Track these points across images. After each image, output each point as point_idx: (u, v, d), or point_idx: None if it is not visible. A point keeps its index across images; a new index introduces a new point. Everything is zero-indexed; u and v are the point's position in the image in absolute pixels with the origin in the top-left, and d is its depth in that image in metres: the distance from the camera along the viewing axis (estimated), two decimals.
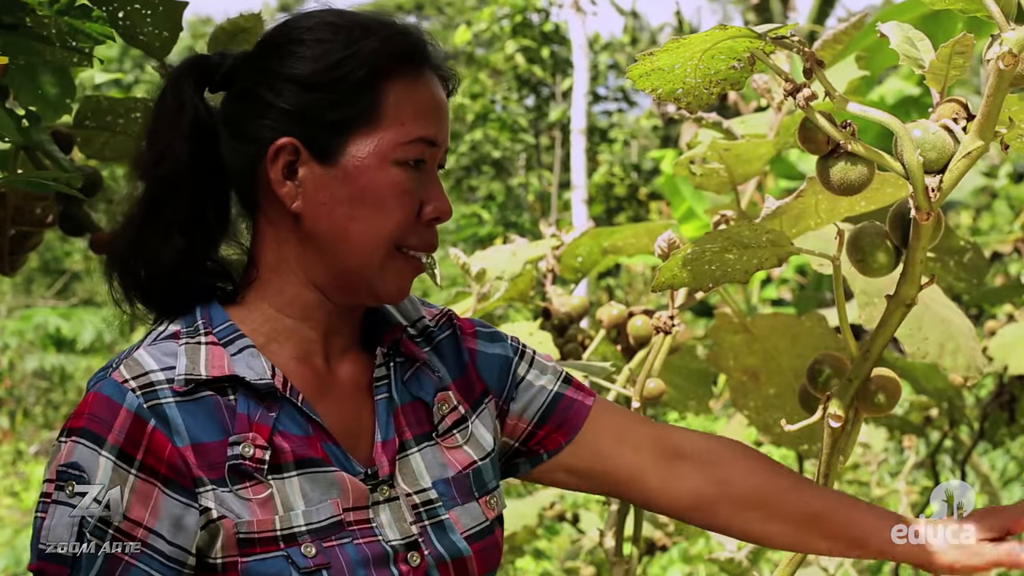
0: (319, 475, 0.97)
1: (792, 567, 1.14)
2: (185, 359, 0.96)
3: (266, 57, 1.02)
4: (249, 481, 0.94)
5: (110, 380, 0.94)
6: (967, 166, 0.91)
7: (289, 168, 0.99)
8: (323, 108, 0.98)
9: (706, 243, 1.05)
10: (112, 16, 1.46)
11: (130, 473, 0.91)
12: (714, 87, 0.97)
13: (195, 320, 0.99)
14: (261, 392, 0.97)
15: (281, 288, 1.02)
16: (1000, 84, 0.86)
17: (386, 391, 1.06)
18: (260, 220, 1.03)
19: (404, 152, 0.99)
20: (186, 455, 0.92)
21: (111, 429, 0.92)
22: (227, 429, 0.95)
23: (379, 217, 0.99)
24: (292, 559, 0.93)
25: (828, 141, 0.94)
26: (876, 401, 1.03)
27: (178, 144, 1.01)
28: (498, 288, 1.93)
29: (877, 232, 0.99)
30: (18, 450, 8.17)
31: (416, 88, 1.01)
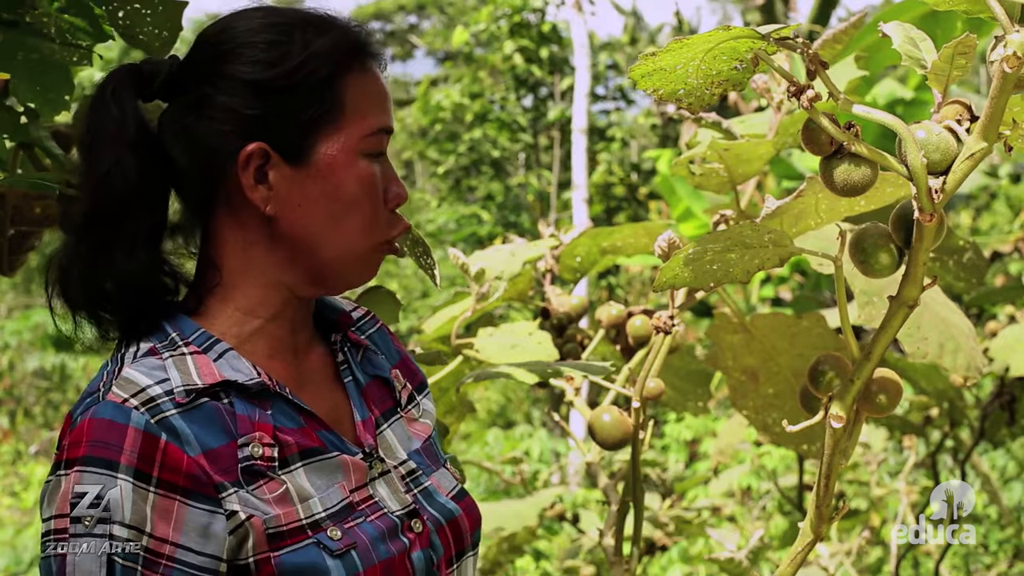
0: (323, 462, 0.99)
1: (793, 567, 1.14)
2: (176, 371, 0.95)
3: (214, 61, 1.00)
4: (262, 480, 0.95)
5: (106, 403, 0.92)
6: (971, 167, 0.91)
7: (259, 172, 0.98)
8: (290, 110, 0.98)
9: (708, 243, 1.05)
10: (111, 15, 1.46)
11: (149, 491, 0.90)
12: (716, 88, 0.97)
13: (167, 333, 0.98)
14: (253, 391, 0.97)
15: (247, 291, 1.02)
16: (1004, 86, 0.86)
17: (350, 374, 1.10)
18: (220, 225, 1.02)
19: (368, 144, 1.01)
20: (201, 463, 0.92)
21: (122, 451, 0.90)
22: (232, 432, 0.95)
23: (357, 211, 1.01)
24: (323, 544, 0.95)
25: (831, 142, 0.93)
26: (878, 402, 1.03)
27: (126, 158, 0.99)
28: (497, 288, 1.93)
29: (880, 233, 0.99)
30: (18, 450, 8.18)
31: (368, 80, 1.03)
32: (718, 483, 4.68)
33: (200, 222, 1.04)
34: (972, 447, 3.22)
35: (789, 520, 4.30)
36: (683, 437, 6.20)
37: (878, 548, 4.03)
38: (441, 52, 20.12)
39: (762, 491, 4.83)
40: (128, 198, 0.99)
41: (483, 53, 13.11)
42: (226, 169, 0.99)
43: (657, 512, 3.09)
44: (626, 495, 1.67)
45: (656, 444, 6.26)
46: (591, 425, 1.60)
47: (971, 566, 4.35)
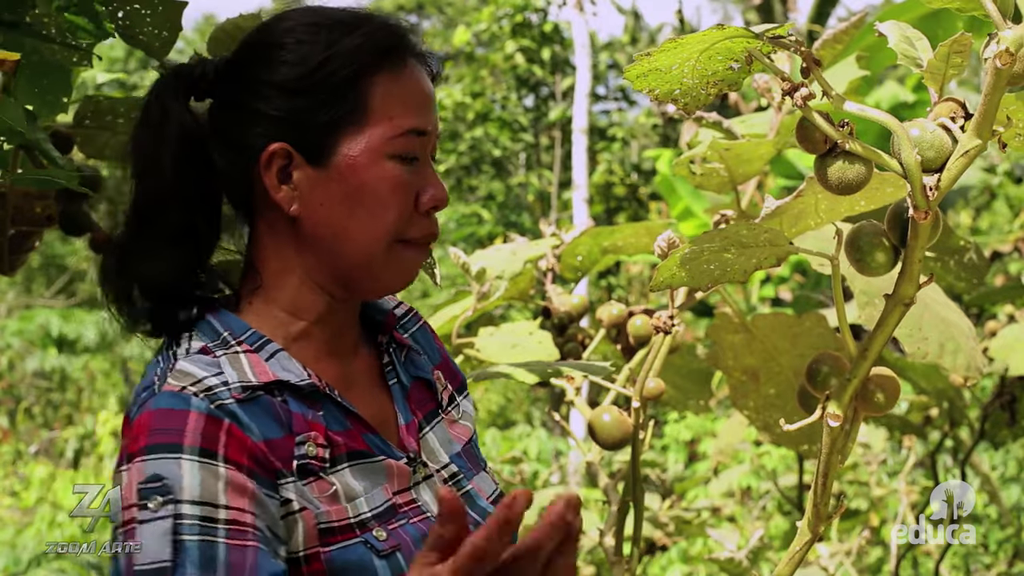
0: (368, 465, 0.99)
1: (792, 567, 1.14)
2: (230, 368, 0.95)
3: (248, 64, 1.01)
4: (313, 478, 0.94)
5: (163, 393, 0.91)
6: (965, 165, 0.91)
7: (283, 173, 0.99)
8: (311, 111, 0.98)
9: (704, 242, 1.05)
10: (111, 16, 1.46)
11: (217, 466, 0.88)
12: (712, 88, 0.97)
13: (218, 331, 0.99)
14: (304, 392, 0.97)
15: (288, 292, 1.02)
16: (997, 83, 0.86)
17: (395, 376, 1.09)
18: (258, 225, 1.03)
19: (396, 146, 0.99)
20: (263, 448, 0.91)
21: (184, 433, 0.89)
22: (288, 427, 0.94)
23: (378, 213, 0.99)
24: (370, 544, 0.95)
25: (826, 140, 0.94)
26: (875, 400, 1.03)
27: (164, 156, 1.00)
28: (498, 287, 1.93)
29: (875, 231, 0.99)
30: (18, 450, 8.18)
31: (401, 81, 1.01)
32: (718, 483, 4.68)
33: (244, 223, 1.05)
34: (972, 447, 3.22)
35: (789, 520, 4.30)
36: (683, 437, 6.20)
37: (878, 548, 4.03)
38: (441, 52, 20.09)
39: (762, 491, 4.83)
40: (164, 196, 1.00)
41: (484, 53, 13.11)
42: (256, 170, 0.99)
43: (657, 512, 3.09)
44: (626, 495, 1.67)
45: (656, 444, 6.26)
46: (591, 425, 1.60)
47: (971, 566, 4.35)
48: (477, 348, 1.85)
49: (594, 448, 1.75)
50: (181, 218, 1.01)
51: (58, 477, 7.06)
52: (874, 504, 4.13)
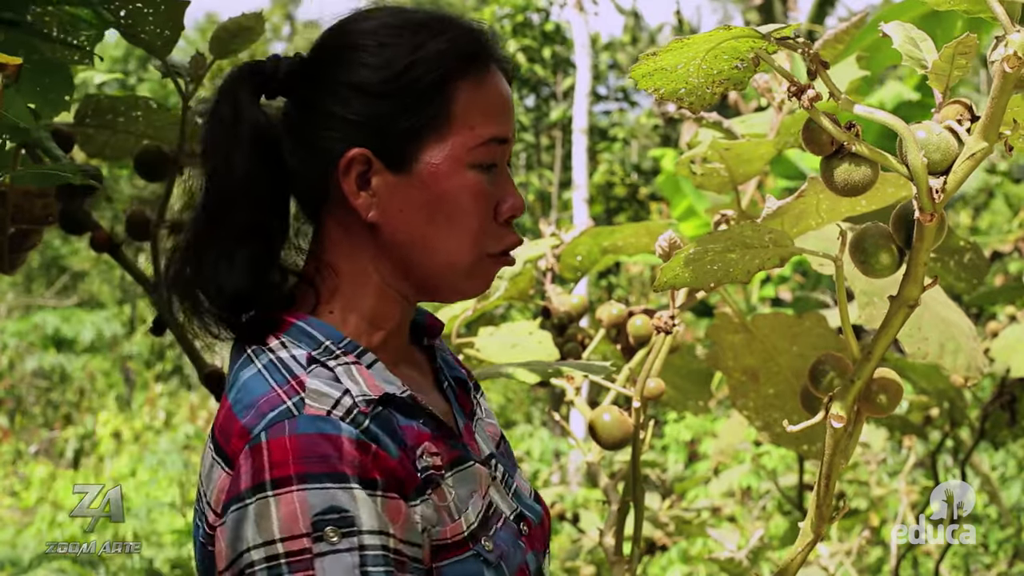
0: (465, 472, 0.97)
1: (793, 567, 1.14)
2: (350, 381, 0.92)
3: (327, 64, 0.98)
4: (434, 488, 0.93)
5: (306, 417, 0.88)
6: (971, 167, 0.91)
7: (362, 178, 0.96)
8: (393, 116, 0.95)
9: (708, 243, 1.05)
10: (113, 15, 1.46)
11: (377, 495, 0.86)
12: (717, 87, 0.97)
13: (317, 339, 0.95)
14: (406, 404, 0.95)
15: (366, 299, 0.99)
16: (1005, 86, 0.86)
17: (445, 379, 1.08)
18: (332, 228, 1.00)
19: (478, 155, 0.97)
20: (399, 471, 0.90)
21: (343, 461, 0.86)
22: (404, 442, 0.92)
23: (458, 222, 0.97)
24: (481, 556, 0.94)
25: (832, 142, 0.93)
26: (878, 402, 1.03)
27: (237, 156, 0.97)
28: (498, 287, 1.93)
29: (881, 233, 0.99)
30: (18, 450, 8.18)
31: (484, 87, 0.98)
32: (718, 483, 4.68)
33: (313, 223, 1.03)
34: (972, 447, 3.22)
35: (789, 520, 4.30)
36: (683, 437, 6.20)
37: (878, 548, 4.04)
38: None
39: (762, 491, 4.83)
40: (236, 196, 0.97)
41: None
42: (332, 174, 0.96)
43: (657, 512, 3.08)
44: (626, 495, 1.67)
45: (656, 444, 6.26)
46: (591, 425, 1.60)
47: (971, 566, 4.35)
48: (477, 348, 1.84)
49: (594, 448, 1.75)
50: (252, 217, 0.98)
51: (58, 477, 7.07)
52: (874, 504, 4.14)
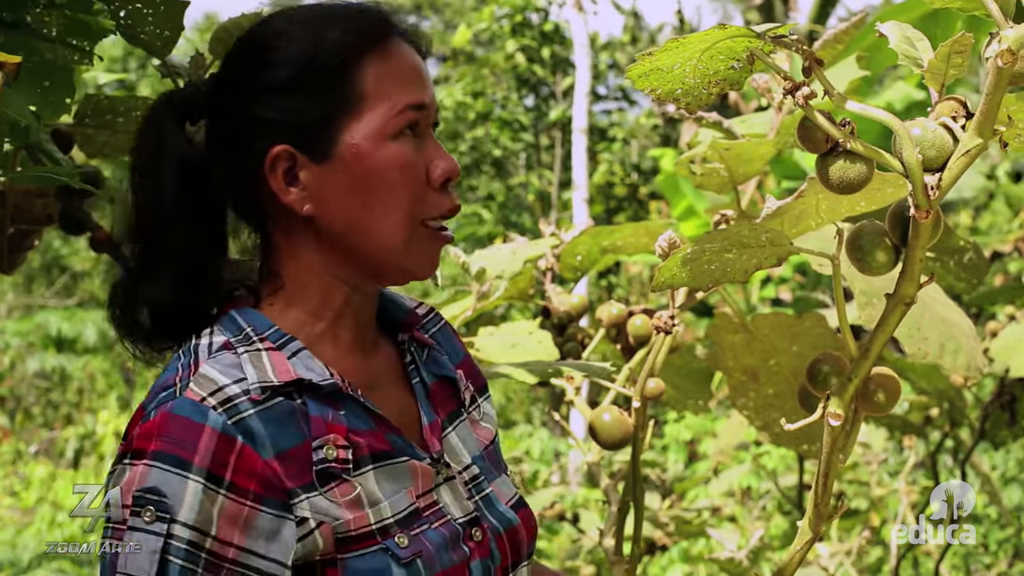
0: (392, 467, 0.98)
1: (792, 567, 1.14)
2: (252, 367, 0.94)
3: (238, 72, 1.01)
4: (336, 482, 0.93)
5: (183, 400, 0.90)
6: (966, 164, 0.91)
7: (289, 174, 0.98)
8: (306, 108, 0.98)
9: (706, 243, 1.05)
10: (113, 15, 1.46)
11: (219, 494, 0.88)
12: (713, 87, 0.97)
13: (241, 327, 0.98)
14: (325, 392, 0.96)
15: (308, 293, 1.01)
16: (999, 82, 0.86)
17: (417, 375, 1.09)
18: (272, 232, 1.02)
19: (396, 124, 0.98)
20: (275, 467, 0.90)
21: (196, 451, 0.88)
22: (305, 433, 0.93)
23: (390, 197, 0.98)
24: (391, 551, 0.94)
25: (827, 140, 0.94)
26: (876, 400, 1.03)
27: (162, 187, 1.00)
28: (498, 287, 1.93)
29: (876, 231, 0.99)
30: (18, 450, 8.18)
31: (390, 60, 1.00)
32: (718, 483, 4.68)
33: (256, 232, 1.05)
34: (972, 447, 3.22)
35: (789, 520, 4.30)
36: (683, 437, 6.20)
37: (878, 548, 4.03)
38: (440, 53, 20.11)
39: (762, 491, 4.83)
40: (162, 224, 1.00)
41: (485, 52, 13.12)
42: (260, 177, 0.99)
43: (657, 512, 3.09)
44: (626, 495, 1.67)
45: (656, 444, 6.26)
46: (591, 425, 1.60)
47: (971, 566, 4.35)
48: (477, 348, 1.85)
49: (594, 448, 1.75)
50: (178, 244, 1.00)
51: (58, 477, 7.07)
52: (874, 504, 4.13)
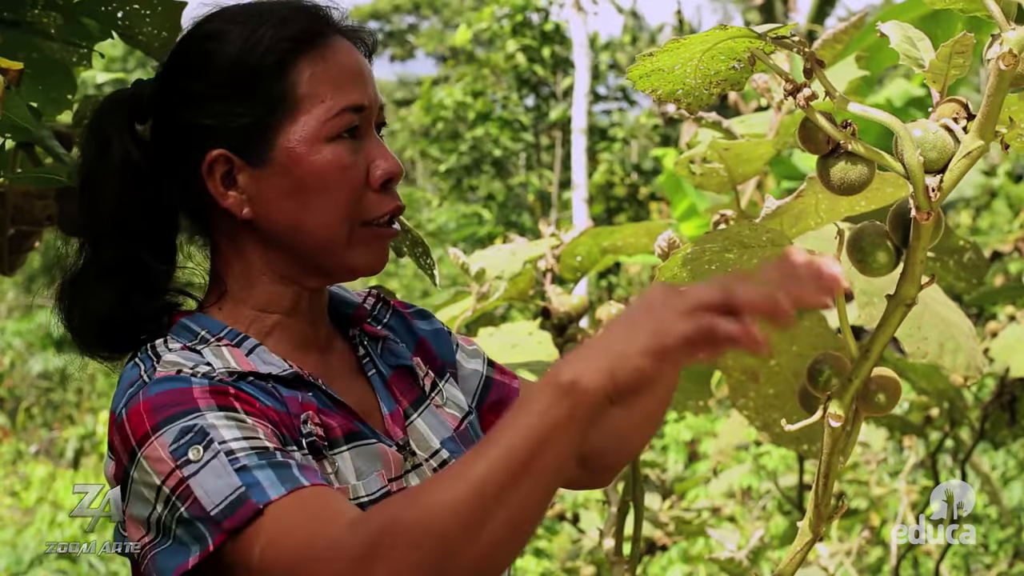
0: (365, 448, 0.98)
1: (792, 567, 1.14)
2: (215, 358, 0.94)
3: (176, 77, 1.00)
4: (318, 457, 0.93)
5: (157, 380, 0.90)
6: (967, 166, 0.91)
7: (227, 179, 0.98)
8: (241, 112, 0.97)
9: (706, 243, 1.05)
10: (111, 16, 1.46)
11: (241, 415, 0.87)
12: (714, 87, 0.97)
13: (196, 332, 0.98)
14: (289, 382, 0.96)
15: (255, 292, 1.01)
16: (1000, 84, 0.86)
17: (373, 367, 1.08)
18: (219, 238, 1.02)
19: (332, 127, 0.97)
20: (272, 412, 0.90)
21: (195, 400, 0.87)
22: (285, 406, 0.93)
23: (328, 199, 0.97)
24: None
25: (828, 141, 0.94)
26: (876, 401, 1.03)
27: (104, 192, 1.00)
28: (497, 287, 1.93)
29: (877, 232, 0.99)
30: (18, 450, 8.18)
31: (327, 61, 0.98)
32: (718, 483, 4.68)
33: (204, 235, 1.05)
34: (972, 447, 3.22)
35: (789, 520, 4.30)
36: (683, 437, 6.20)
37: (878, 548, 4.03)
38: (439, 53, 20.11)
39: (762, 491, 4.83)
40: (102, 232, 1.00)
41: (485, 52, 13.12)
42: (200, 181, 0.98)
43: (657, 512, 3.08)
44: (626, 495, 1.67)
45: (656, 444, 6.25)
46: None
47: (971, 566, 4.35)
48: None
49: None
50: (120, 253, 1.00)
51: (58, 477, 7.07)
52: (874, 504, 4.13)
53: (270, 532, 0.82)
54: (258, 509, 0.82)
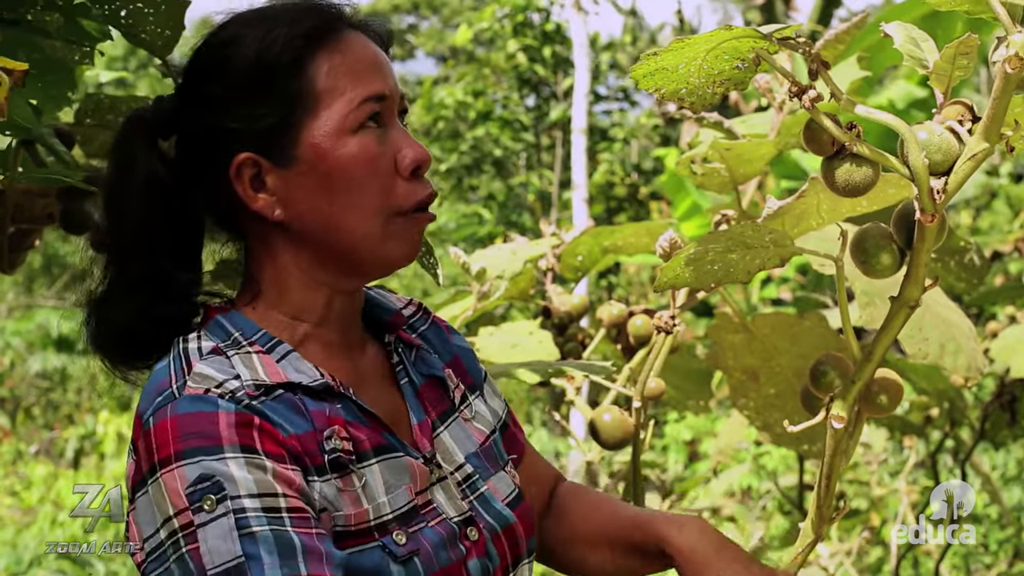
0: (393, 461, 0.97)
1: (794, 567, 1.14)
2: (244, 368, 0.93)
3: (196, 86, 1.01)
4: (342, 472, 0.93)
5: (186, 397, 0.90)
6: (972, 168, 0.91)
7: (256, 181, 0.98)
8: (262, 114, 0.96)
9: (709, 243, 1.05)
10: (114, 15, 1.46)
11: (263, 460, 0.87)
12: (718, 87, 0.97)
13: (228, 332, 0.97)
14: (318, 392, 0.95)
15: (289, 296, 1.01)
16: (1006, 87, 0.86)
17: (405, 375, 1.08)
18: (251, 240, 1.02)
19: (356, 118, 0.97)
20: (294, 443, 0.90)
21: (220, 435, 0.87)
22: (311, 423, 0.93)
23: (359, 191, 0.97)
24: (388, 548, 0.93)
25: (833, 142, 0.94)
26: (879, 402, 1.03)
27: (130, 208, 1.00)
28: (498, 287, 1.93)
29: (881, 234, 0.99)
30: (18, 450, 8.18)
31: (343, 54, 0.98)
32: (718, 483, 4.68)
33: (237, 240, 1.05)
34: (972, 447, 3.22)
35: (789, 520, 4.30)
36: (683, 437, 6.20)
37: (878, 548, 4.03)
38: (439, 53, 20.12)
39: (762, 491, 4.83)
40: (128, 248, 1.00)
41: (485, 52, 13.12)
42: (228, 187, 0.98)
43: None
44: (626, 495, 1.67)
45: (656, 444, 6.26)
46: (592, 424, 1.60)
47: (971, 566, 4.35)
48: (477, 348, 1.84)
49: (594, 448, 1.75)
50: (146, 269, 1.00)
51: (59, 477, 7.07)
52: (874, 504, 4.13)
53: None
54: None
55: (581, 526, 1.19)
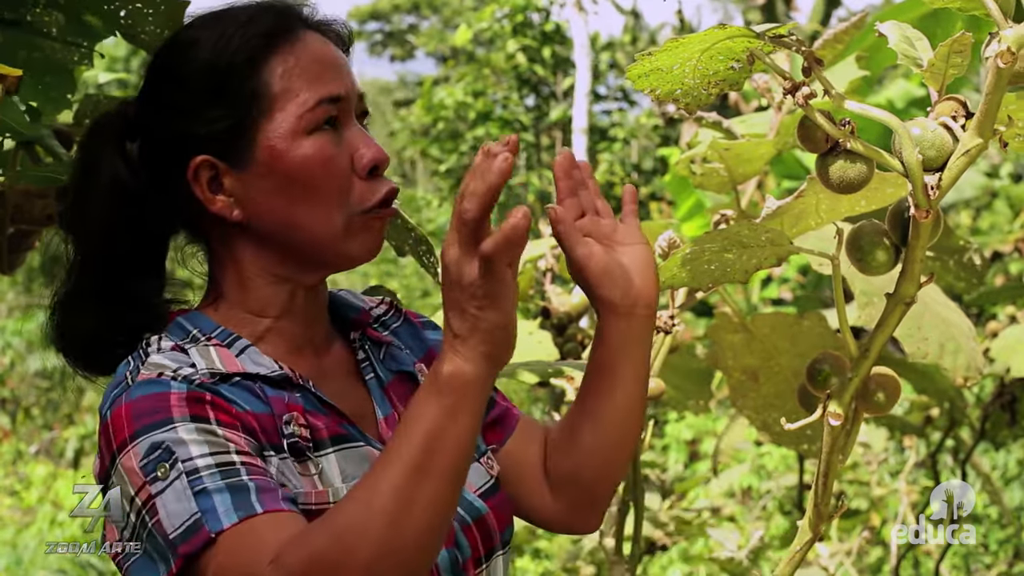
0: (352, 451, 0.97)
1: (792, 567, 1.14)
2: (200, 358, 0.94)
3: (155, 89, 1.01)
4: (300, 457, 0.93)
5: (138, 383, 0.91)
6: (966, 164, 0.91)
7: (214, 183, 0.98)
8: (217, 117, 0.97)
9: (705, 243, 1.05)
10: (114, 15, 1.46)
11: (214, 427, 0.88)
12: (713, 87, 0.97)
13: (187, 330, 0.98)
14: (277, 382, 0.96)
15: (250, 295, 1.01)
16: (999, 82, 0.86)
17: (371, 371, 1.08)
18: (213, 242, 1.03)
19: (310, 120, 0.97)
20: (250, 419, 0.91)
21: (171, 408, 0.88)
22: (269, 407, 0.93)
23: (316, 192, 0.97)
24: None
25: (827, 139, 0.94)
26: (876, 400, 1.03)
27: (95, 207, 1.00)
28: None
29: (876, 230, 0.99)
30: (18, 450, 8.18)
31: (298, 55, 0.98)
32: (718, 483, 4.68)
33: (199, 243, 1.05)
34: (972, 447, 3.22)
35: (789, 520, 4.30)
36: (683, 437, 6.20)
37: (878, 548, 4.03)
38: (439, 53, 20.12)
39: (762, 491, 4.83)
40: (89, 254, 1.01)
41: (485, 52, 13.12)
42: (187, 189, 0.98)
43: (657, 512, 3.08)
44: (626, 495, 1.67)
45: (656, 444, 6.25)
46: None
47: (971, 566, 4.35)
48: None
49: None
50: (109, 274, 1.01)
51: (59, 477, 7.07)
52: (874, 504, 4.13)
53: (220, 560, 0.84)
54: (210, 537, 0.84)
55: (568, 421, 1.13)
